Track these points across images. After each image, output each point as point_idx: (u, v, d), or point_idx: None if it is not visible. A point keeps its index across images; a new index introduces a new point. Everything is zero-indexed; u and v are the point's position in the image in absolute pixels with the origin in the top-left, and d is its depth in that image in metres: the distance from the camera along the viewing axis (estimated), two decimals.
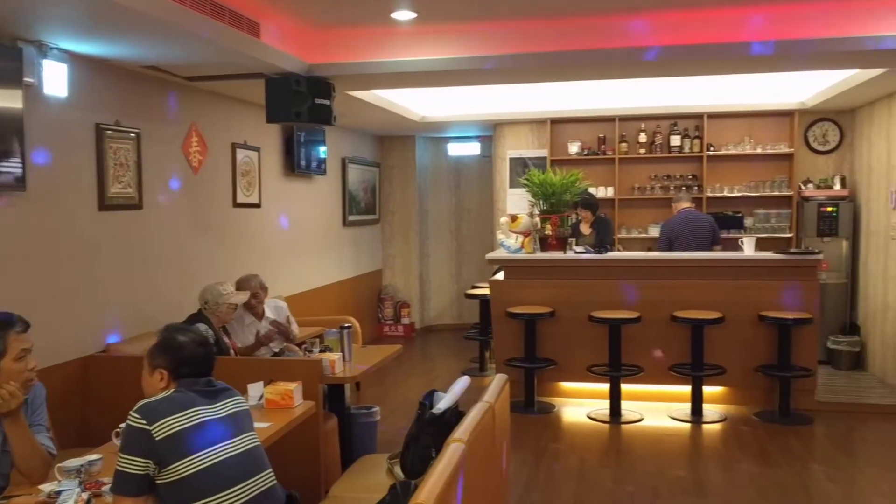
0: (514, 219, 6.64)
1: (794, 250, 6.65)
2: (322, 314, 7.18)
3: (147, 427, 2.39)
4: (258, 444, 2.72)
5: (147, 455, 2.38)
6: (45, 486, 2.60)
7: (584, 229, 7.20)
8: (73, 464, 2.66)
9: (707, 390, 6.28)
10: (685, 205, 7.21)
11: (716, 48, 5.09)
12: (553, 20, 5.18)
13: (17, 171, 3.93)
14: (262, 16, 4.72)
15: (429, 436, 2.89)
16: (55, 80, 4.17)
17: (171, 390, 2.60)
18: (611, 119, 8.55)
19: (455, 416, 2.93)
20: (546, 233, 6.62)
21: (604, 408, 6.28)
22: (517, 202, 8.66)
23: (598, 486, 4.76)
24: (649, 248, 8.09)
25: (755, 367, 6.26)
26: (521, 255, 6.60)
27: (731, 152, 8.29)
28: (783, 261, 6.27)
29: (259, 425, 3.05)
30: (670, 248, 6.94)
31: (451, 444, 2.48)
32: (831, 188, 7.97)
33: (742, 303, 6.22)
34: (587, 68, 5.64)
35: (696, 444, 5.68)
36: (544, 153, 8.75)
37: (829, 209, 7.77)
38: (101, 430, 3.27)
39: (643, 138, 8.51)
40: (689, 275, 6.40)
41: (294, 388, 3.64)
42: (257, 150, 6.68)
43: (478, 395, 3.10)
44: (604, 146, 8.63)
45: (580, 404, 6.52)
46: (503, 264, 6.89)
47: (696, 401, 6.18)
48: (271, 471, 2.71)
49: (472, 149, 10.29)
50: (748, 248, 6.45)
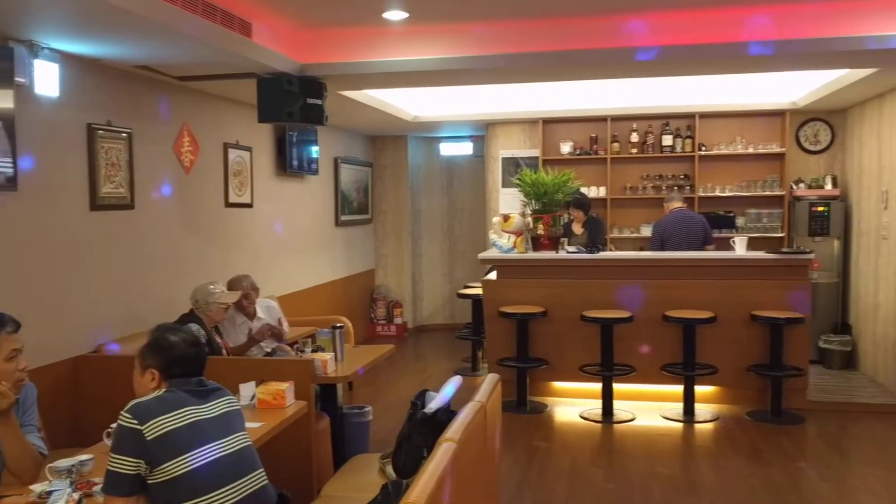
0: (507, 218, 6.64)
1: (785, 250, 6.67)
2: (314, 314, 7.17)
3: (138, 427, 2.39)
4: (249, 443, 2.71)
5: (138, 455, 2.37)
6: (36, 487, 2.59)
7: (577, 229, 7.21)
8: (64, 464, 2.65)
9: (699, 390, 6.30)
10: (677, 204, 7.23)
11: (712, 48, 5.09)
12: (545, 20, 5.18)
13: (8, 170, 3.92)
14: (253, 16, 4.71)
15: (421, 435, 2.90)
16: (46, 79, 4.16)
17: (163, 390, 2.59)
18: (603, 119, 8.56)
19: (447, 415, 2.93)
20: (538, 232, 6.63)
21: (596, 407, 6.29)
22: (509, 202, 8.67)
23: (590, 486, 4.77)
24: (641, 248, 8.10)
25: (747, 366, 6.28)
26: (514, 255, 6.61)
27: (723, 152, 8.31)
28: (775, 260, 6.29)
29: (251, 425, 3.05)
30: (662, 248, 6.96)
31: (442, 443, 2.49)
32: (823, 188, 8.00)
33: (734, 302, 6.24)
34: (580, 68, 5.64)
35: (688, 443, 5.69)
36: (536, 153, 8.75)
37: (820, 209, 7.80)
38: (92, 430, 3.26)
39: (635, 138, 8.52)
40: (681, 274, 6.42)
41: (286, 387, 3.64)
42: (249, 149, 6.67)
43: (470, 395, 3.10)
44: (596, 146, 8.64)
45: (572, 404, 6.53)
46: (495, 264, 6.90)
47: (688, 400, 6.20)
48: (263, 471, 2.70)
49: (465, 149, 10.29)
50: (740, 248, 6.47)
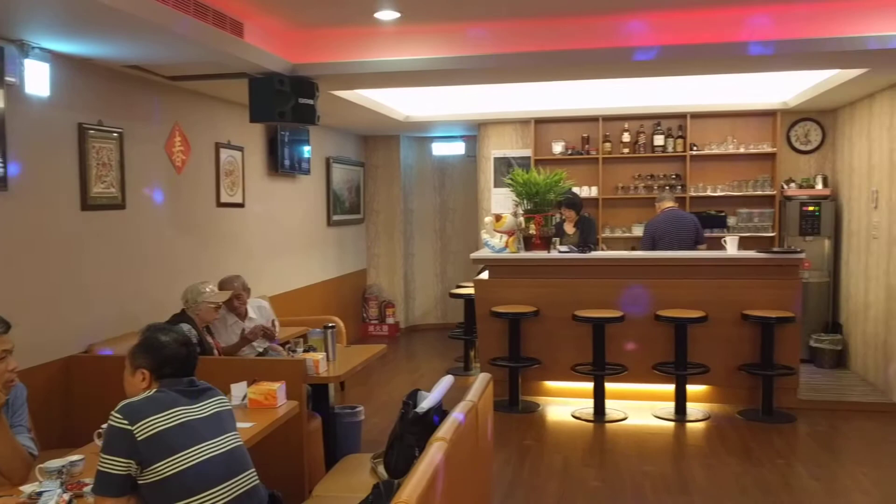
0: (499, 218, 6.64)
1: (776, 249, 6.69)
2: (306, 314, 7.17)
3: (129, 427, 2.38)
4: (241, 444, 2.71)
5: (129, 455, 2.37)
6: (27, 487, 2.58)
7: (568, 229, 7.23)
8: (54, 464, 2.64)
9: (691, 389, 6.32)
10: (668, 204, 7.25)
11: (711, 48, 5.07)
12: (538, 20, 5.18)
13: None
14: (245, 16, 4.70)
15: (412, 435, 2.91)
16: (37, 79, 4.14)
17: (153, 390, 2.58)
18: (594, 119, 8.57)
19: (439, 415, 2.94)
20: (530, 232, 6.64)
21: (588, 407, 6.30)
22: (501, 202, 8.67)
23: (581, 485, 4.78)
24: (633, 248, 8.13)
25: (738, 365, 6.30)
26: (506, 255, 6.61)
27: (714, 152, 8.34)
28: (766, 260, 6.31)
29: (242, 425, 3.04)
30: (654, 248, 6.97)
31: (434, 442, 2.49)
32: (813, 188, 8.04)
33: (725, 302, 6.26)
34: (576, 68, 5.65)
35: (680, 442, 5.71)
36: (528, 153, 8.76)
37: (811, 208, 7.83)
38: (82, 431, 3.26)
39: (627, 138, 8.53)
40: (673, 274, 6.43)
41: (277, 388, 3.64)
42: (241, 149, 6.66)
43: (462, 394, 3.11)
44: (587, 146, 8.65)
45: (564, 403, 6.54)
46: (487, 264, 6.90)
47: (680, 399, 6.21)
48: (254, 471, 2.70)
49: (457, 148, 10.29)
50: (731, 248, 6.49)
